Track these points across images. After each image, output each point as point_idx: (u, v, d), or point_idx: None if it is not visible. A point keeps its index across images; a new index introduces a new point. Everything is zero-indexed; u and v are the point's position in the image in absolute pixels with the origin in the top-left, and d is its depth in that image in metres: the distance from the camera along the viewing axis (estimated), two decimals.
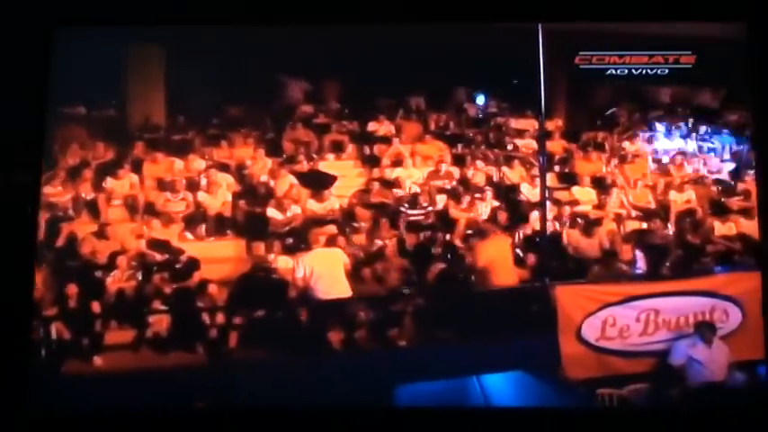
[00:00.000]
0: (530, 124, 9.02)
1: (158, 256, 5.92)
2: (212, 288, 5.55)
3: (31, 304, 3.60)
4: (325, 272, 5.34)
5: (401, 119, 8.79)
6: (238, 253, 6.42)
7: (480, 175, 7.66)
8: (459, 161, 7.68)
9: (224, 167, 7.10)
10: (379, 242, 6.17)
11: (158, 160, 6.99)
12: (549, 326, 5.09)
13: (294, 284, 5.38)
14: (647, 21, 4.41)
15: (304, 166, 7.39)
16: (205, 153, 7.32)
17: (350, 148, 8.30)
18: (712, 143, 9.18)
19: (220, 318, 5.38)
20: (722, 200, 7.57)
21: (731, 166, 8.41)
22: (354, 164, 8.15)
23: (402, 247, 6.08)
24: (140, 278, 5.72)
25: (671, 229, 6.99)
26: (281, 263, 5.76)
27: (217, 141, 7.50)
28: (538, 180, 7.28)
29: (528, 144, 8.66)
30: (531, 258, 5.79)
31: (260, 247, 6.20)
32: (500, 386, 5.12)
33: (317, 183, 7.17)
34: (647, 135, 9.23)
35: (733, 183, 7.97)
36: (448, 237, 6.34)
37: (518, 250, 5.87)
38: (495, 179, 7.54)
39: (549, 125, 9.15)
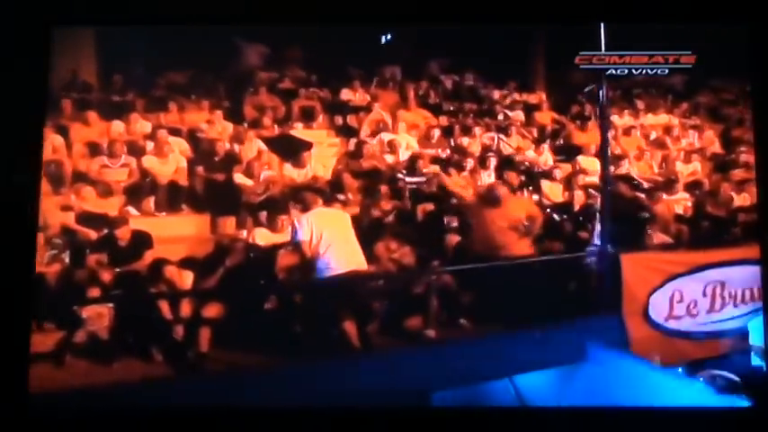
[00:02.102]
0: (511, 96, 8.35)
1: (93, 233, 4.42)
2: (171, 270, 4.13)
3: (31, 304, 3.39)
4: (338, 236, 4.05)
5: (376, 87, 7.73)
6: (200, 231, 5.04)
7: (476, 144, 6.67)
8: (448, 131, 6.64)
9: (175, 132, 5.66)
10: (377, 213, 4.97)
11: (91, 122, 5.46)
12: (613, 305, 4.15)
13: (294, 253, 4.04)
14: (648, 21, 4.30)
15: (273, 130, 6.08)
16: (149, 117, 5.84)
17: (321, 117, 7.09)
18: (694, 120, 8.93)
19: (186, 309, 3.96)
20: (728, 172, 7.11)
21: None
22: (327, 133, 6.94)
23: (409, 219, 4.91)
24: (68, 261, 4.21)
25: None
26: (261, 238, 4.42)
27: (164, 104, 6.04)
28: (544, 147, 6.55)
29: (517, 116, 7.86)
30: (568, 226, 4.81)
31: (227, 223, 4.86)
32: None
33: (290, 149, 5.91)
34: (630, 110, 8.82)
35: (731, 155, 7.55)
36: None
37: (554, 216, 4.86)
38: (494, 148, 6.56)
39: (533, 98, 8.55)
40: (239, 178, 5.05)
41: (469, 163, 5.86)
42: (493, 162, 6.18)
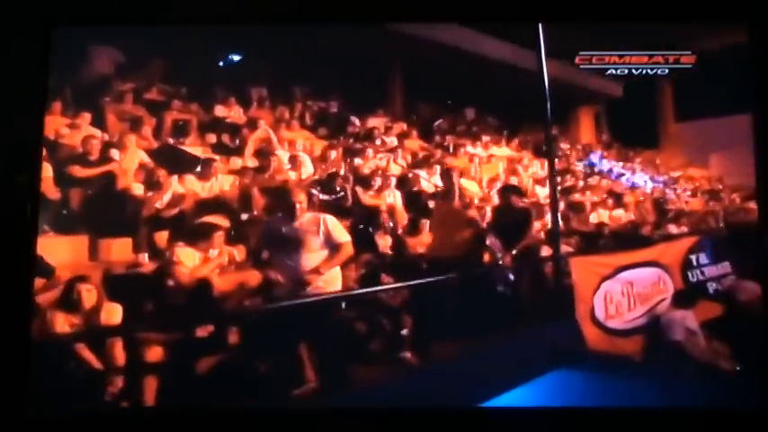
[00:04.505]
0: (381, 122, 8.53)
1: None
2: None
3: (32, 304, 2.96)
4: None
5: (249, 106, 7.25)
6: (75, 256, 3.94)
7: (369, 165, 6.57)
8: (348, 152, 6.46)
9: None
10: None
11: None
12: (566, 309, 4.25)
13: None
14: (648, 21, 4.17)
15: (151, 142, 5.18)
16: None
17: (193, 133, 6.32)
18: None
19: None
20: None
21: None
22: (203, 150, 6.18)
23: None
24: None
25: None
26: (184, 256, 3.56)
27: None
28: (437, 168, 6.73)
29: (392, 142, 8.01)
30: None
31: (118, 244, 3.89)
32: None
33: (179, 163, 5.08)
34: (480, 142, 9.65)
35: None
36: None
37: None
38: (387, 170, 6.51)
39: (397, 127, 8.84)
40: (137, 189, 4.07)
41: (378, 181, 5.65)
42: (393, 181, 6.09)
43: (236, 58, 8.96)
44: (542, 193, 7.98)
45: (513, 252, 4.51)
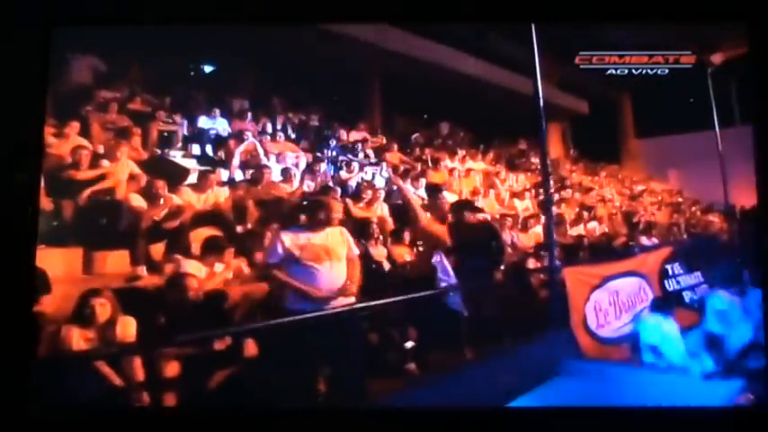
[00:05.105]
0: (362, 135, 8.60)
1: None
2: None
3: (32, 304, 2.97)
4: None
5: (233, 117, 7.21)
6: (68, 270, 3.82)
7: (355, 178, 6.62)
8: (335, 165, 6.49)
9: None
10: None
11: None
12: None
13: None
14: (648, 21, 4.14)
15: (140, 153, 5.09)
16: None
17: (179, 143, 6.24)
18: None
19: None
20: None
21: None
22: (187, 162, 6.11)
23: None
24: None
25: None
26: (192, 269, 3.49)
27: None
28: (422, 181, 6.82)
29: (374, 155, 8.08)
30: None
31: (114, 257, 3.81)
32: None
33: (168, 174, 5.00)
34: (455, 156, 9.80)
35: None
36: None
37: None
38: (372, 183, 6.57)
39: (377, 140, 8.93)
40: (136, 200, 3.97)
41: (368, 194, 5.68)
42: (382, 194, 6.13)
43: (211, 69, 8.93)
44: (521, 205, 8.19)
45: (502, 267, 4.30)
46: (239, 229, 4.69)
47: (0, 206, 3.02)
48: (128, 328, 2.74)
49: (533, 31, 4.58)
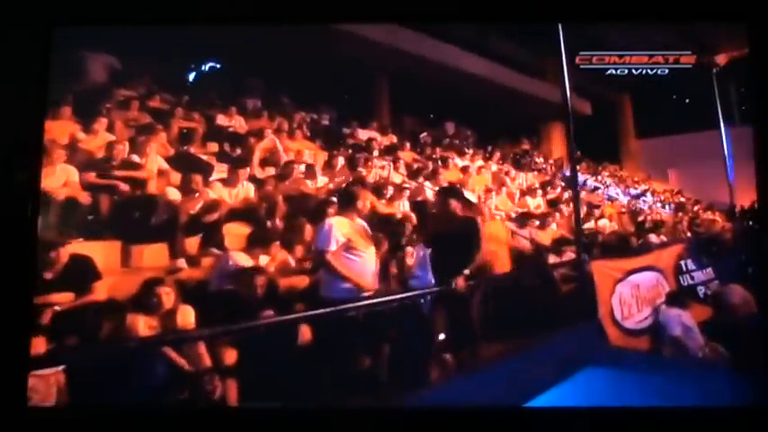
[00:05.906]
0: (375, 134, 8.65)
1: None
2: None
3: (32, 304, 3.03)
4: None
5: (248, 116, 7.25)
6: (108, 262, 3.83)
7: (372, 175, 6.66)
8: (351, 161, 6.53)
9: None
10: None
11: None
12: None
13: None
14: (648, 21, 4.23)
15: (168, 149, 5.12)
16: None
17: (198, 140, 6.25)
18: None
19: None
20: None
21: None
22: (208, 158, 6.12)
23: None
24: None
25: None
26: (241, 259, 3.52)
27: None
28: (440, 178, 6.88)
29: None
30: None
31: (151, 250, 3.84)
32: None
33: (195, 170, 5.02)
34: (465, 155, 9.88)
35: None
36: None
37: None
38: (389, 180, 6.61)
39: (386, 139, 8.98)
40: (172, 193, 4.00)
41: (390, 190, 5.73)
42: (407, 192, 6.18)
43: (220, 67, 8.94)
44: (533, 203, 8.27)
45: (466, 273, 3.71)
46: (278, 223, 4.70)
47: (0, 206, 3.02)
48: (187, 316, 2.77)
49: (560, 31, 4.61)
